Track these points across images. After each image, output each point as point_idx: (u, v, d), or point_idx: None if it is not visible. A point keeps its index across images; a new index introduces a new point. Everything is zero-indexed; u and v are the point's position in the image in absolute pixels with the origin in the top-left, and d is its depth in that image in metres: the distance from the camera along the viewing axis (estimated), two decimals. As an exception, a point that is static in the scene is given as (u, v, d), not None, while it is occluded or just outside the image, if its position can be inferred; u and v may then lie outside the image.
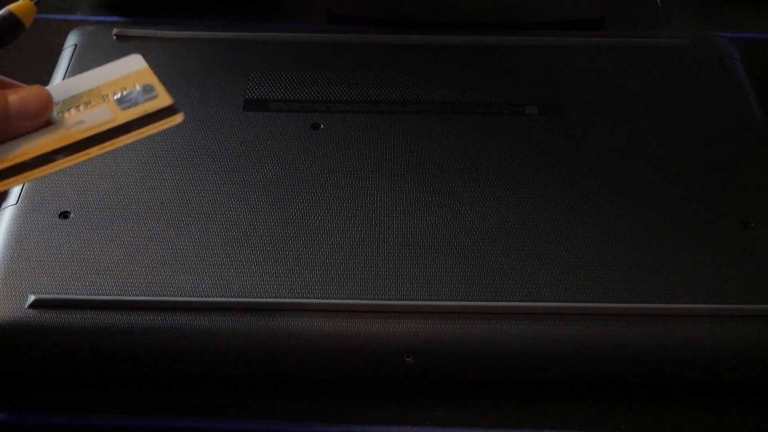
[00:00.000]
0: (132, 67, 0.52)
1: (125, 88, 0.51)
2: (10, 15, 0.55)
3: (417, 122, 0.68)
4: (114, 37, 0.74)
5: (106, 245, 0.59)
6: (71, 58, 0.73)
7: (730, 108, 0.70)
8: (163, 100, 0.51)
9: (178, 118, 0.51)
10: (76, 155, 0.50)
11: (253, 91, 0.70)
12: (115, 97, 0.51)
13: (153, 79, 0.52)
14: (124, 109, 0.51)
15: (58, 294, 0.57)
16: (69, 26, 0.77)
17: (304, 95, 0.70)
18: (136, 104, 0.51)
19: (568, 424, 0.57)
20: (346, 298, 0.57)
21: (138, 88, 0.51)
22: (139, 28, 0.76)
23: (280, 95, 0.70)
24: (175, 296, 0.57)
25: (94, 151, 0.50)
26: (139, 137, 0.51)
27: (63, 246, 0.59)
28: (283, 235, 0.60)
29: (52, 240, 0.59)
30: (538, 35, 0.77)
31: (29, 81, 0.75)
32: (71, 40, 0.75)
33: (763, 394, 0.58)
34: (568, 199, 0.63)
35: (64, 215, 0.61)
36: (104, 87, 0.51)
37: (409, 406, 0.57)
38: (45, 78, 0.73)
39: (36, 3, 0.55)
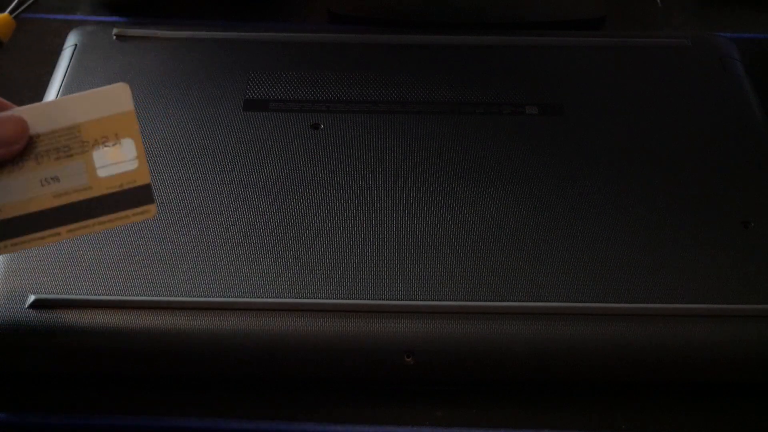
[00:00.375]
0: (117, 105, 0.51)
1: (106, 138, 0.51)
2: None
3: (417, 122, 0.68)
4: (114, 37, 0.74)
5: (106, 245, 0.59)
6: (71, 58, 0.72)
7: (730, 108, 0.70)
8: (142, 175, 0.51)
9: (152, 210, 0.52)
10: (44, 233, 0.51)
11: (253, 91, 0.70)
12: (95, 150, 0.51)
13: (135, 132, 0.51)
14: (101, 174, 0.51)
15: (58, 294, 0.57)
16: (69, 26, 0.77)
17: (304, 95, 0.70)
18: (112, 172, 0.51)
19: (568, 424, 0.57)
20: (346, 298, 0.57)
21: (119, 143, 0.51)
22: (139, 28, 0.76)
23: (280, 95, 0.70)
24: (175, 296, 0.57)
25: (64, 233, 0.51)
26: (109, 226, 0.52)
27: (63, 246, 0.59)
28: (283, 235, 0.60)
29: (52, 240, 0.59)
30: (538, 35, 0.77)
31: (29, 81, 0.76)
32: (71, 40, 0.75)
33: (763, 394, 0.58)
34: (568, 199, 0.63)
35: (64, 215, 0.61)
36: (85, 129, 0.51)
37: (409, 406, 0.57)
38: (45, 78, 0.73)
39: (15, 17, 0.54)
